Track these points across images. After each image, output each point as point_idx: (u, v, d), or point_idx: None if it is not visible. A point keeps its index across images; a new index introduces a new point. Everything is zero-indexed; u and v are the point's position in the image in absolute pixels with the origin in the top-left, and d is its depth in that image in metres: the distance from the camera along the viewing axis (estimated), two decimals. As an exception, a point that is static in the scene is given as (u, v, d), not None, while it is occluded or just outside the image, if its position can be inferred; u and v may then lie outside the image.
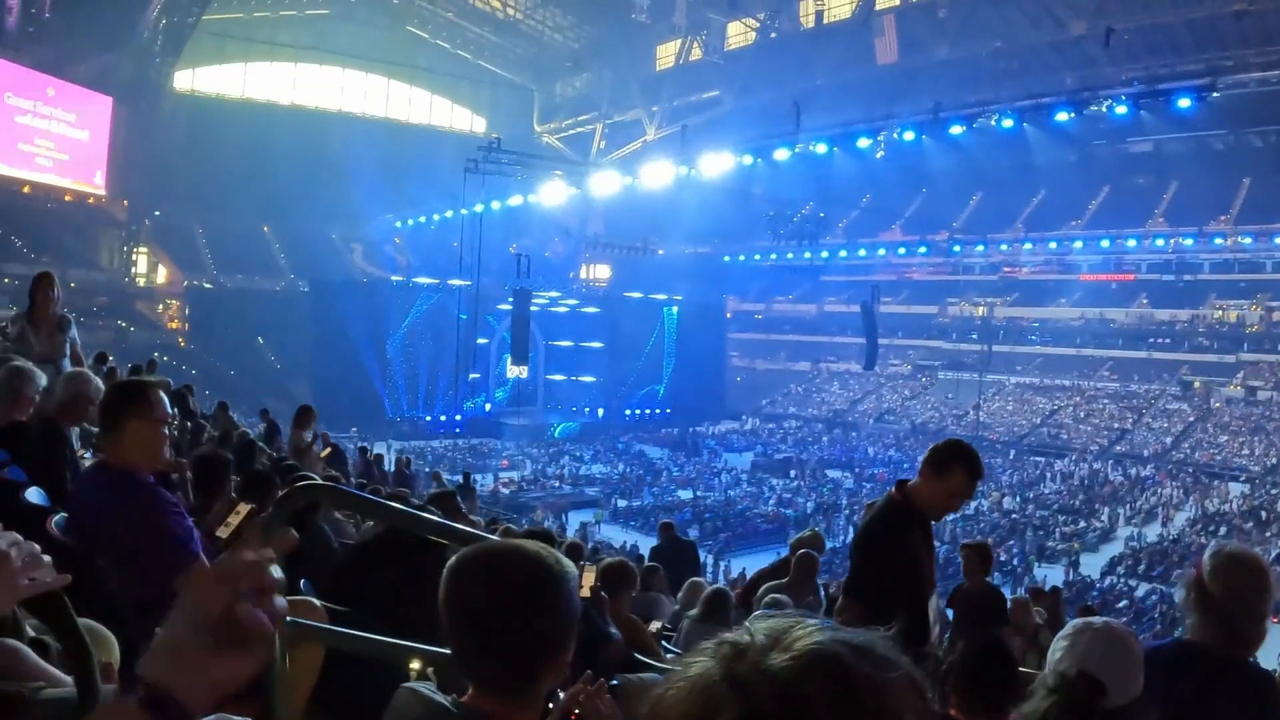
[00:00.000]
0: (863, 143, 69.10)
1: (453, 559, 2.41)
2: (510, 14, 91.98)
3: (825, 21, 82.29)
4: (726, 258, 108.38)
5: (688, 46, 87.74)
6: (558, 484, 61.86)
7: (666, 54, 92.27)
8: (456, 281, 69.11)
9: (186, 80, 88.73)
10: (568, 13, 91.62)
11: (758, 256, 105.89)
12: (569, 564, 2.43)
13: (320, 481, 7.09)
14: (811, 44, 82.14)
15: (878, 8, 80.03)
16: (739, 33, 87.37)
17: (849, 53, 79.96)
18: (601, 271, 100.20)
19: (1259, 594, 3.14)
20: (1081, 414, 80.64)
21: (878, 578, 4.99)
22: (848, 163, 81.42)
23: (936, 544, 5.91)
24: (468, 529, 4.32)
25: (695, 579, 12.36)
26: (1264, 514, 55.33)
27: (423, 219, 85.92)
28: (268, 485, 7.27)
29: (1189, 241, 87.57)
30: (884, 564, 5.00)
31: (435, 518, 4.99)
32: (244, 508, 5.62)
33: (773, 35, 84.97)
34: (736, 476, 65.78)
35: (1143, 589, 42.02)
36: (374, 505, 5.94)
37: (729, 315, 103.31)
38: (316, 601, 5.00)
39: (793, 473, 66.40)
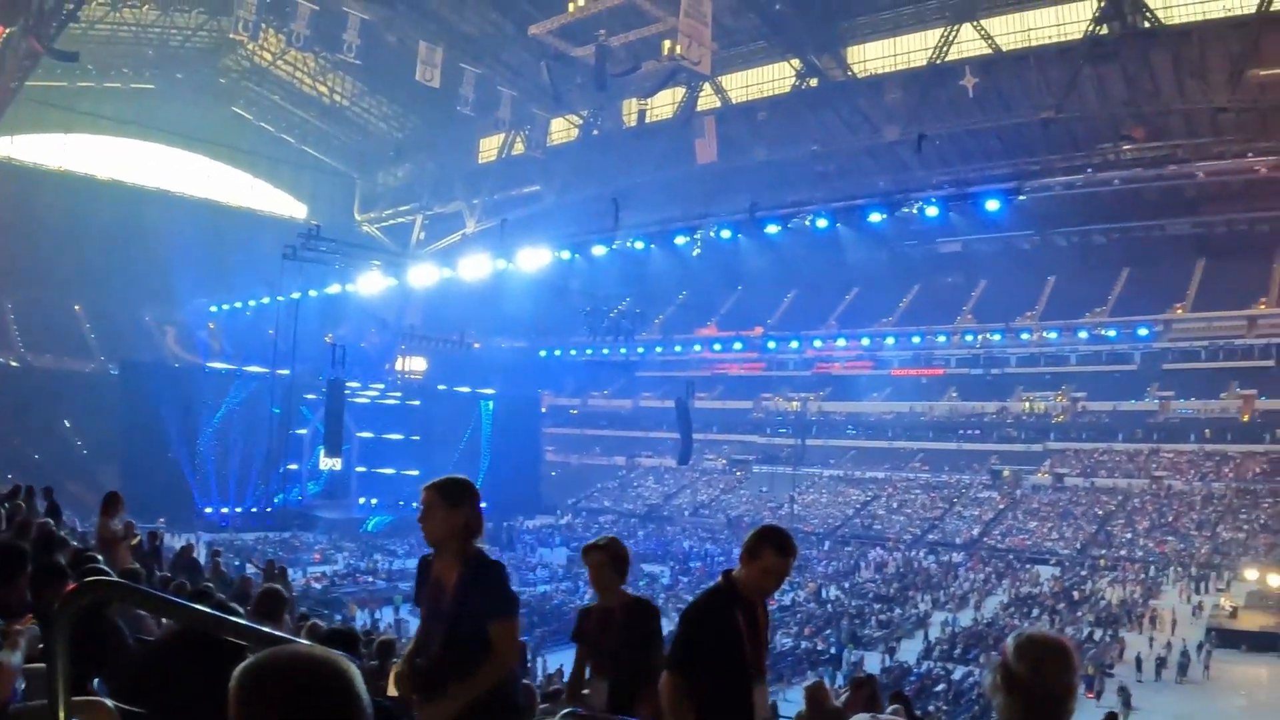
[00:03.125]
0: (680, 240, 69.86)
1: (239, 668, 2.24)
2: (337, 100, 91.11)
3: (648, 120, 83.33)
4: (543, 352, 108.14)
5: (511, 140, 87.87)
6: (371, 579, 60.47)
7: (489, 147, 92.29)
8: (262, 369, 68.08)
9: (3, 147, 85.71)
10: (393, 102, 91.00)
11: (574, 352, 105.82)
12: (357, 677, 2.24)
13: (110, 578, 6.59)
14: (633, 142, 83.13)
15: (699, 109, 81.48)
16: (562, 129, 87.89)
17: (670, 152, 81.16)
18: (417, 363, 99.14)
19: (1063, 673, 3.18)
20: (894, 504, 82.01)
21: (697, 652, 5.08)
22: (665, 260, 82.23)
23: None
24: (268, 630, 4.09)
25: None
26: (1075, 594, 56.73)
27: (239, 304, 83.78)
28: (59, 579, 6.85)
29: (997, 337, 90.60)
30: (704, 639, 5.11)
31: (236, 618, 4.70)
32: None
33: (595, 132, 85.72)
34: (553, 571, 65.05)
35: (959, 672, 42.63)
36: (166, 604, 5.53)
37: (544, 410, 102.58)
38: (109, 702, 4.80)
39: (609, 569, 66.07)
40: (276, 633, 4.43)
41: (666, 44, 66.02)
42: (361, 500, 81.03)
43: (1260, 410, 77.79)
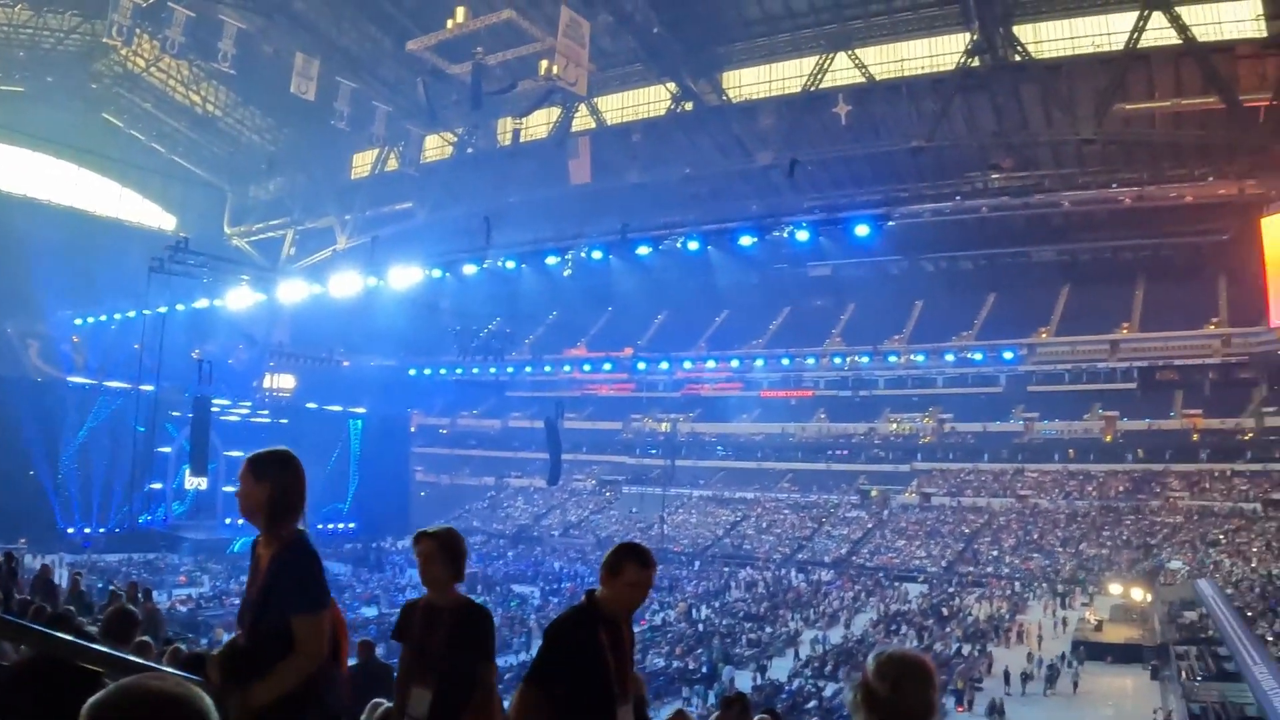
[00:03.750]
0: (551, 260, 69.65)
1: (87, 703, 2.21)
2: (210, 110, 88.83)
3: (522, 140, 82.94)
4: (413, 371, 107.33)
5: (384, 157, 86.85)
6: (238, 601, 58.69)
7: (363, 163, 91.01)
8: (126, 384, 66.19)
9: None
10: (267, 114, 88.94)
11: (444, 371, 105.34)
12: (208, 709, 2.24)
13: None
14: (507, 161, 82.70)
15: (574, 129, 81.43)
16: (436, 146, 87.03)
17: (543, 172, 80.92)
18: (286, 381, 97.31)
19: (922, 691, 3.28)
20: (764, 524, 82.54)
21: (558, 668, 5.04)
22: (536, 280, 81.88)
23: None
24: (126, 657, 3.98)
25: (377, 699, 11.54)
26: (943, 611, 57.59)
27: (104, 317, 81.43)
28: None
29: (865, 359, 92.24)
30: (567, 657, 5.05)
31: (94, 645, 4.60)
32: None
33: (469, 151, 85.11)
34: (421, 593, 63.94)
35: (830, 689, 42.98)
36: (14, 629, 5.34)
37: (414, 429, 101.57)
38: None
39: (479, 588, 64.92)
40: (136, 659, 4.31)
41: (543, 64, 66.00)
42: (228, 520, 78.98)
43: (1122, 431, 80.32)
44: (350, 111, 73.80)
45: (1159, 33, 64.92)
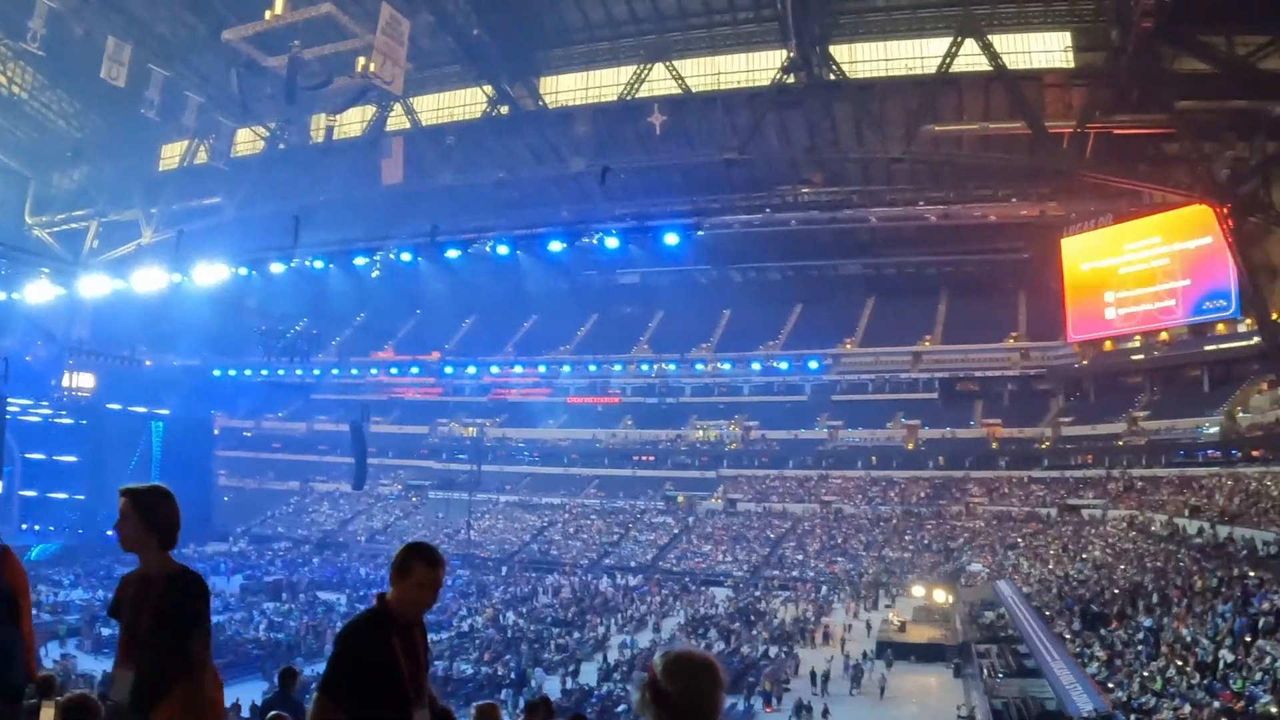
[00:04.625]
0: (360, 261, 68.89)
1: None
2: (15, 92, 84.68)
3: (335, 137, 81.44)
4: (217, 372, 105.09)
5: (194, 149, 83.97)
6: (35, 612, 56.20)
7: (171, 154, 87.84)
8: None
9: None
10: (75, 99, 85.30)
11: (249, 372, 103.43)
12: None
13: None
14: (319, 158, 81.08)
15: (388, 129, 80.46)
16: (248, 140, 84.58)
17: (355, 170, 79.54)
18: (85, 380, 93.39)
19: (710, 689, 3.34)
20: (571, 529, 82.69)
21: (350, 676, 4.80)
22: (344, 281, 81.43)
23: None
24: None
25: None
26: (750, 614, 58.46)
27: (-106, 310, 77.66)
28: None
29: (672, 367, 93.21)
30: (358, 663, 4.84)
31: None
32: None
33: (281, 146, 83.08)
34: (225, 600, 62.06)
35: (639, 693, 43.20)
36: None
37: (218, 431, 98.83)
38: None
39: (284, 595, 63.49)
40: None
41: (360, 61, 64.78)
42: (24, 526, 76.29)
43: (924, 439, 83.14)
44: (161, 100, 71.49)
45: (971, 59, 67.05)
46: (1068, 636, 41.48)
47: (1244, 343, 70.64)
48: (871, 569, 68.93)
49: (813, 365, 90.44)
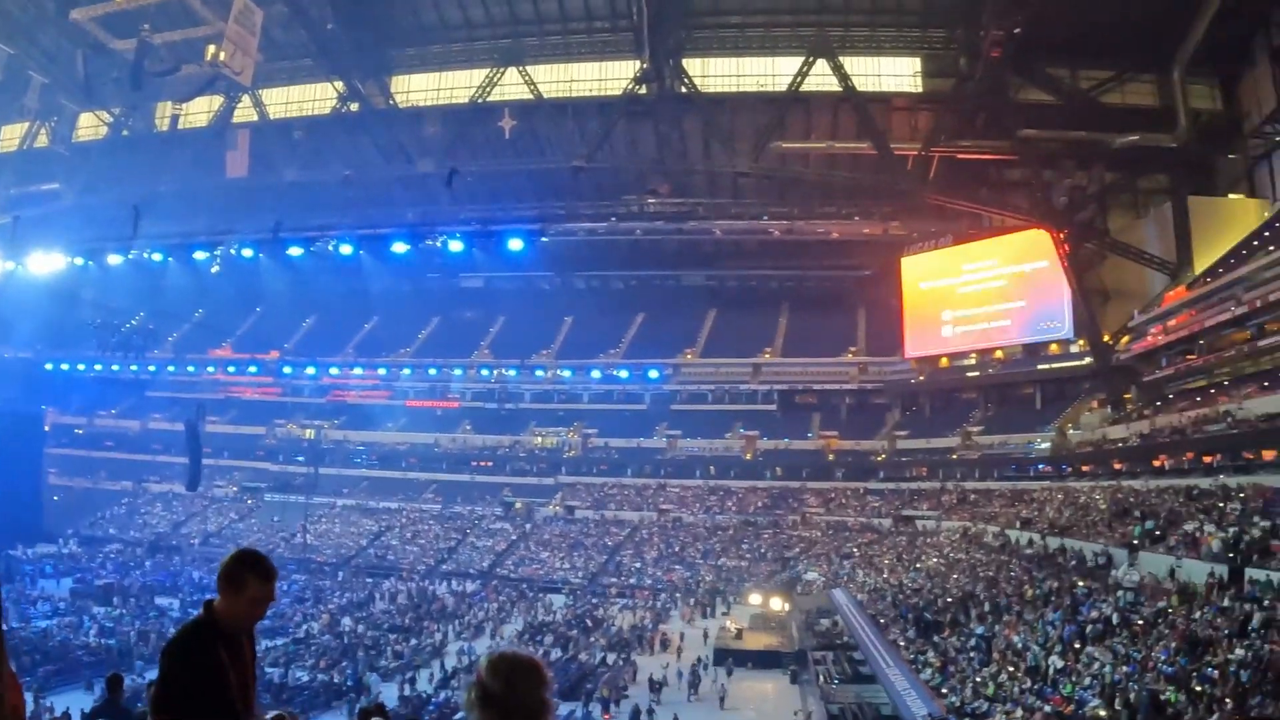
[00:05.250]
0: (200, 255, 67.78)
1: None
2: None
3: (180, 126, 79.63)
4: (50, 365, 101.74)
5: (34, 131, 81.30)
6: None
7: (10, 136, 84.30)
8: None
9: None
10: None
11: (82, 366, 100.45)
12: None
13: None
14: (163, 148, 79.09)
15: (235, 120, 78.90)
16: (91, 125, 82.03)
17: (199, 161, 77.83)
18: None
19: (535, 689, 3.39)
20: (409, 534, 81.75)
21: (180, 693, 4.54)
22: (183, 275, 79.44)
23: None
24: None
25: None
26: (588, 621, 58.44)
27: None
28: None
29: (512, 373, 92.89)
30: (188, 679, 4.56)
31: None
32: None
33: (125, 133, 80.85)
34: (55, 605, 59.76)
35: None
36: None
37: (48, 428, 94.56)
38: None
39: (115, 600, 61.42)
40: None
41: (211, 49, 63.42)
42: None
43: (761, 450, 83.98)
44: (2, 79, 69.28)
45: (822, 79, 68.36)
46: (902, 643, 42.26)
47: (1076, 363, 73.13)
48: (709, 577, 69.53)
49: (653, 374, 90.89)
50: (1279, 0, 62.69)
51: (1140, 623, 31.40)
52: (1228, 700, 22.76)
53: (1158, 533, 40.36)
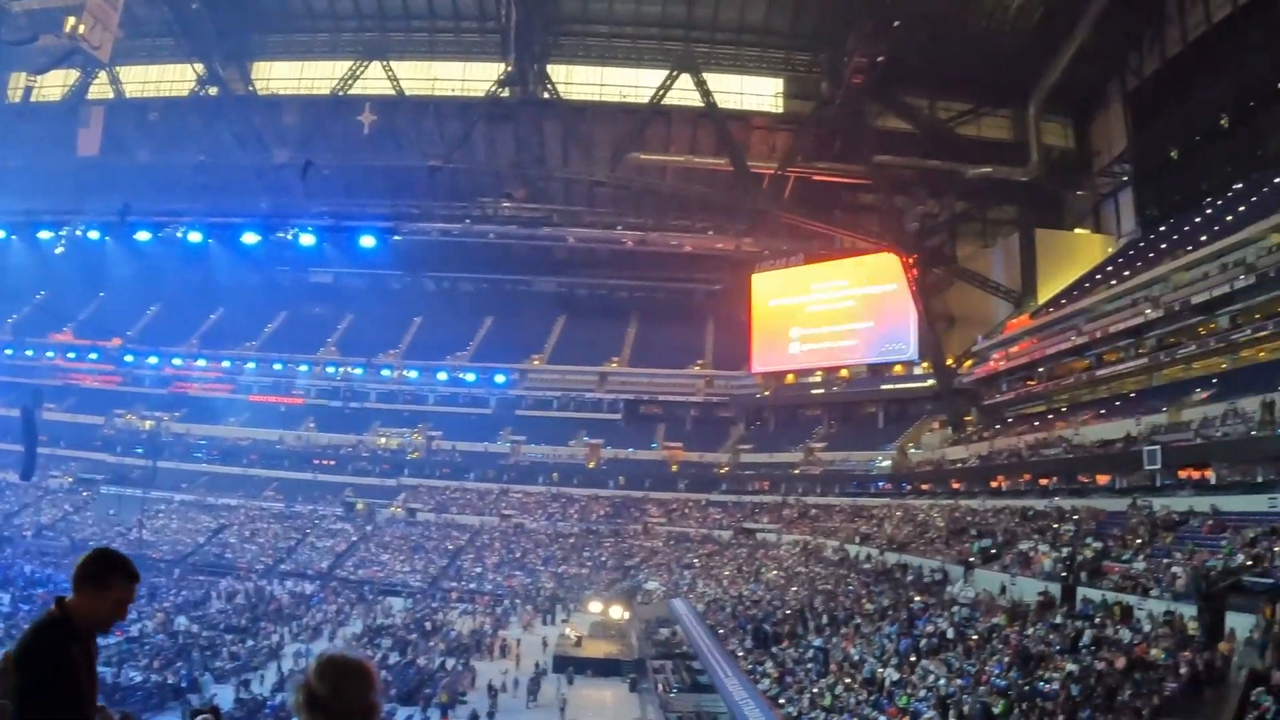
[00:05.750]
0: (44, 235, 65.94)
1: None
2: None
3: (33, 99, 77.55)
4: None
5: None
6: None
7: None
8: None
9: None
10: None
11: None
12: None
13: None
14: (13, 120, 76.83)
15: (90, 97, 76.92)
16: (-64, 93, 79.96)
17: (50, 137, 75.77)
18: None
19: (362, 693, 3.39)
20: (247, 532, 79.85)
21: (41, 695, 4.30)
22: (25, 254, 77.16)
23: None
24: None
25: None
26: (427, 625, 57.93)
27: None
28: None
29: (359, 371, 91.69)
30: (43, 682, 4.33)
31: None
32: None
33: (-27, 105, 78.73)
34: None
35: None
36: None
37: None
38: None
39: (-58, 595, 59.29)
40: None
41: (70, 21, 61.34)
42: None
43: (605, 458, 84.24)
44: None
45: (685, 93, 69.16)
46: (741, 654, 42.75)
47: (919, 384, 74.92)
48: (549, 584, 69.48)
49: (499, 379, 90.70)
50: (1136, 47, 65.47)
51: (975, 638, 32.32)
52: (1059, 714, 23.50)
53: (993, 551, 41.54)
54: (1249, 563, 26.65)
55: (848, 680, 33.70)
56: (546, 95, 71.21)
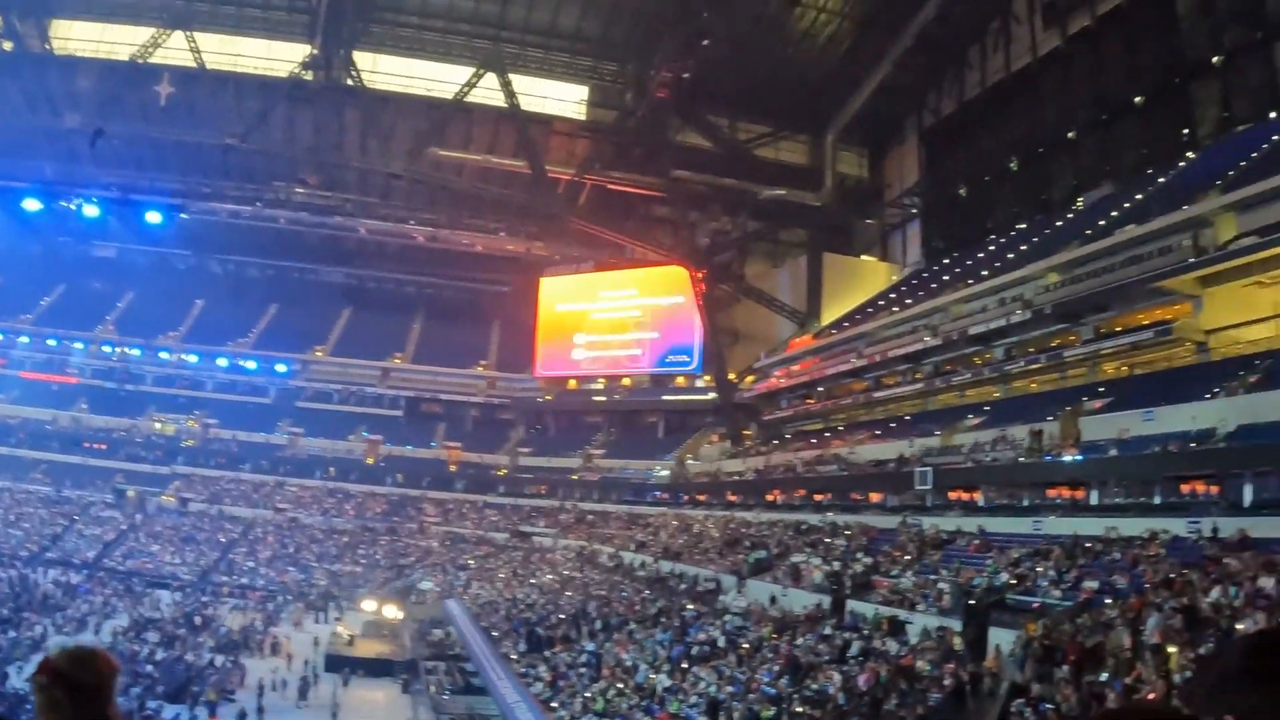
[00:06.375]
0: None
1: None
2: None
3: None
4: None
5: None
6: None
7: None
8: None
9: None
10: None
11: None
12: None
13: None
14: None
15: None
16: None
17: None
18: None
19: (97, 680, 3.11)
20: (12, 517, 76.19)
21: None
22: None
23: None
24: None
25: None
26: (196, 620, 56.55)
27: None
28: None
29: (136, 352, 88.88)
30: None
31: None
32: None
33: None
34: None
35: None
36: None
37: None
38: None
39: None
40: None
41: None
42: None
43: (384, 455, 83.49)
44: None
45: (489, 92, 69.14)
46: (514, 657, 43.01)
47: (700, 397, 76.44)
48: (323, 581, 68.56)
49: (281, 368, 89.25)
50: (936, 87, 68.48)
51: (746, 646, 33.27)
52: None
53: (766, 563, 42.79)
54: (1013, 581, 28.25)
55: (620, 685, 34.25)
56: (350, 82, 70.67)
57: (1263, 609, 17.72)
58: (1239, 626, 17.20)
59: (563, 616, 48.16)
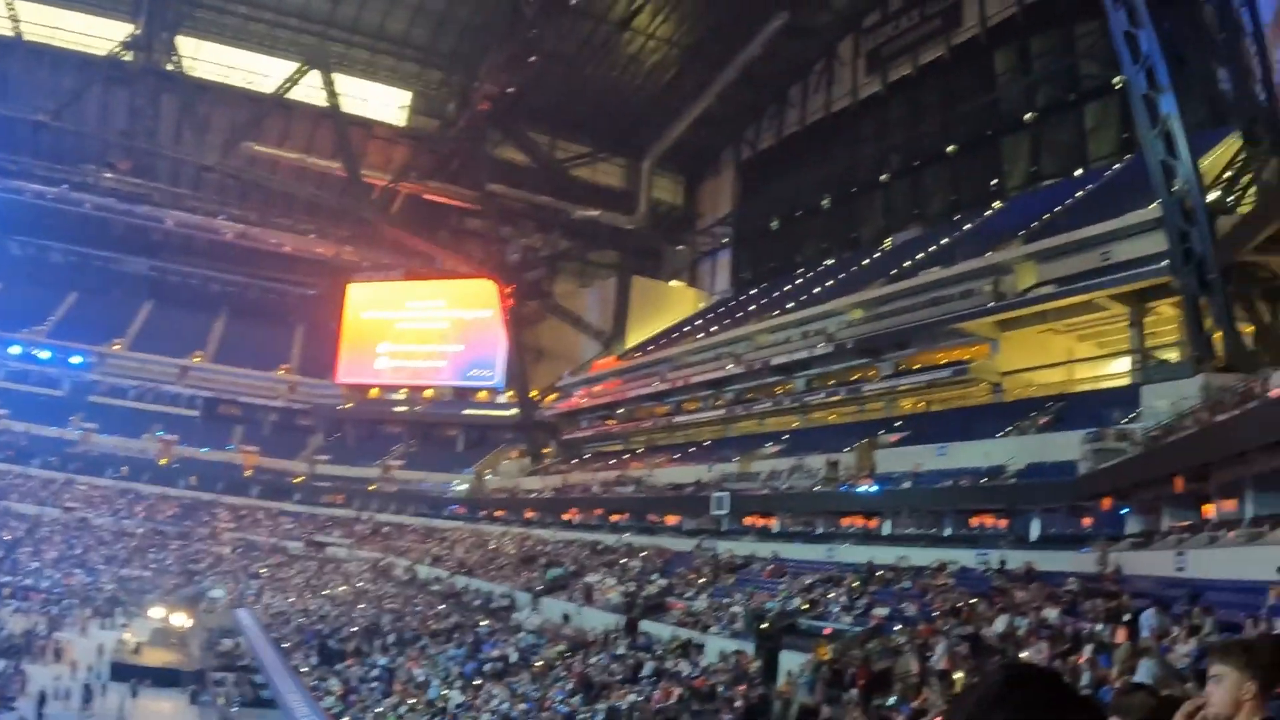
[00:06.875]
0: None
1: None
2: None
3: None
4: None
5: None
6: None
7: None
8: None
9: None
10: None
11: None
12: None
13: None
14: None
15: None
16: None
17: None
18: None
19: None
20: None
21: None
22: None
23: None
24: None
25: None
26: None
27: None
28: None
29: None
30: None
31: None
32: None
33: None
34: None
35: None
36: None
37: None
38: None
39: None
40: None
41: None
42: None
43: (179, 456, 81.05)
44: None
45: (311, 90, 68.33)
46: (305, 669, 42.62)
47: (502, 412, 76.82)
48: (110, 585, 66.39)
49: (76, 360, 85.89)
50: (755, 121, 70.31)
51: (539, 663, 33.62)
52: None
53: (561, 580, 43.27)
54: (805, 606, 29.12)
55: (412, 701, 34.34)
56: (170, 66, 69.04)
57: (1046, 638, 18.63)
58: (1023, 655, 18.11)
59: (355, 629, 48.01)
